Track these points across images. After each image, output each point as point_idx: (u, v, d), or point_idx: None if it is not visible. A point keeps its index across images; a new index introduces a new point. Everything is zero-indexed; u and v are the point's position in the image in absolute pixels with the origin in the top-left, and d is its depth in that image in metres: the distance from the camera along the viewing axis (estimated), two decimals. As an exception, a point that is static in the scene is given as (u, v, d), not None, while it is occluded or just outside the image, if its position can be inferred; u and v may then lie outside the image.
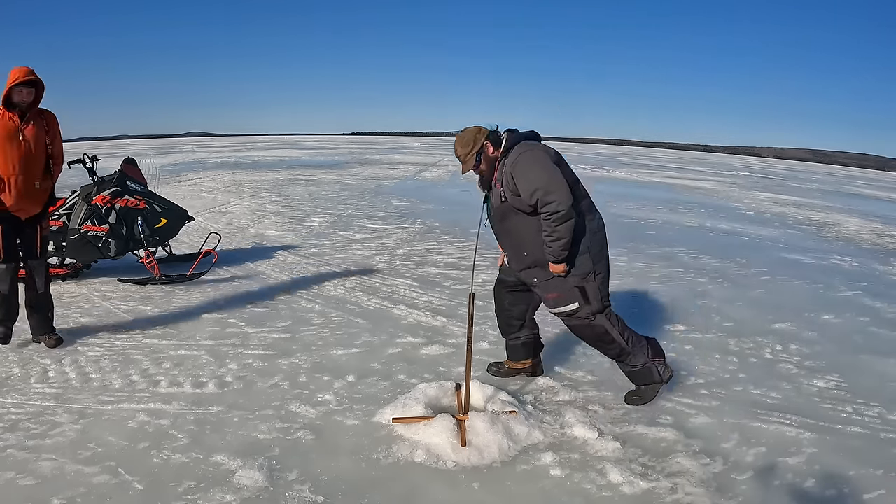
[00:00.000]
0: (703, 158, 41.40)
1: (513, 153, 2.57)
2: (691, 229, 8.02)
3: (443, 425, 2.33)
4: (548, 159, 2.53)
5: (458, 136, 2.70)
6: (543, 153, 2.55)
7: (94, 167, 4.47)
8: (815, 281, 5.34)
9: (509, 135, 2.65)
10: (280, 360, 3.07)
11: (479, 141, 2.62)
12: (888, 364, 3.37)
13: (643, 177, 17.77)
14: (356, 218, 7.69)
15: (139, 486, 2.01)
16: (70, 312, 3.73)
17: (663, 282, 4.97)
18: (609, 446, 2.33)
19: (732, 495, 2.08)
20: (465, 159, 2.66)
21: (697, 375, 3.06)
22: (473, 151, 2.63)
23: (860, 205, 13.57)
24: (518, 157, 2.53)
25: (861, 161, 69.79)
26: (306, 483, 2.05)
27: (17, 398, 2.59)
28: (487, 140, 2.63)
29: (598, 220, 2.66)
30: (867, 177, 31.48)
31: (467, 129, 2.67)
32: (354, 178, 13.32)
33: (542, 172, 2.47)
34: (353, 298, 4.18)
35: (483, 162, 2.65)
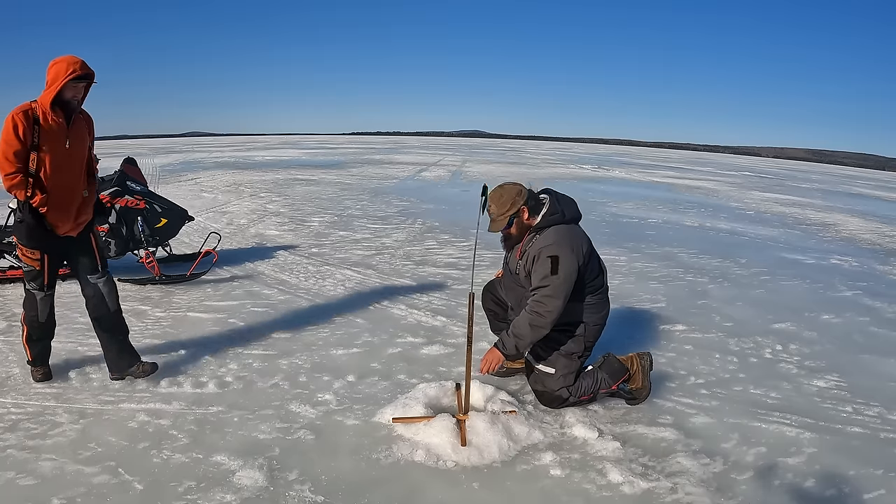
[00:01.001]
0: (703, 158, 41.43)
1: (546, 235, 2.49)
2: (691, 229, 8.02)
3: (443, 425, 2.33)
4: (573, 263, 2.43)
5: (496, 190, 2.54)
6: (571, 254, 2.44)
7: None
8: (815, 281, 5.34)
9: (550, 204, 2.53)
10: (280, 360, 3.07)
11: (518, 204, 2.49)
12: (888, 364, 3.37)
13: (643, 177, 17.76)
14: (356, 218, 7.69)
15: (139, 486, 2.01)
16: (70, 312, 3.72)
17: (663, 282, 4.97)
18: (609, 446, 2.33)
19: (732, 495, 2.08)
20: (496, 218, 2.52)
21: (697, 375, 3.06)
22: (508, 214, 2.50)
23: (860, 205, 13.56)
24: (547, 247, 2.44)
25: (861, 161, 69.83)
26: (306, 483, 2.05)
27: (17, 398, 2.59)
28: (525, 205, 2.50)
29: (604, 315, 2.67)
30: (867, 176, 31.47)
31: (507, 188, 2.53)
32: (354, 178, 13.32)
33: (557, 278, 2.41)
34: (353, 298, 4.18)
35: (515, 226, 2.54)
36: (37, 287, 2.66)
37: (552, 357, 2.59)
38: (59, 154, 2.50)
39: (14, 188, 2.47)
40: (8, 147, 2.39)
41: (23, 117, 2.39)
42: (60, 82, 2.39)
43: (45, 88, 2.44)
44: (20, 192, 2.48)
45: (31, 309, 2.70)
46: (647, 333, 3.67)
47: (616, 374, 2.60)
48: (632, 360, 2.66)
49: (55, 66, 2.41)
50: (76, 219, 2.64)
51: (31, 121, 2.41)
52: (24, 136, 2.39)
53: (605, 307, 2.68)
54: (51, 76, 2.42)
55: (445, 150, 28.78)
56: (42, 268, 2.61)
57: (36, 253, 2.58)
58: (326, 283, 4.56)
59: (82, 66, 2.42)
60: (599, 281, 2.63)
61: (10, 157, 2.40)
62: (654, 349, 3.28)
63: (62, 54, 2.43)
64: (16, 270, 4.38)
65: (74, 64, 2.41)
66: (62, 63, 2.41)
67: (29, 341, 2.74)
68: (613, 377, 2.60)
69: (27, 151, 2.43)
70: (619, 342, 3.33)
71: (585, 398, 2.60)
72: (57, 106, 2.44)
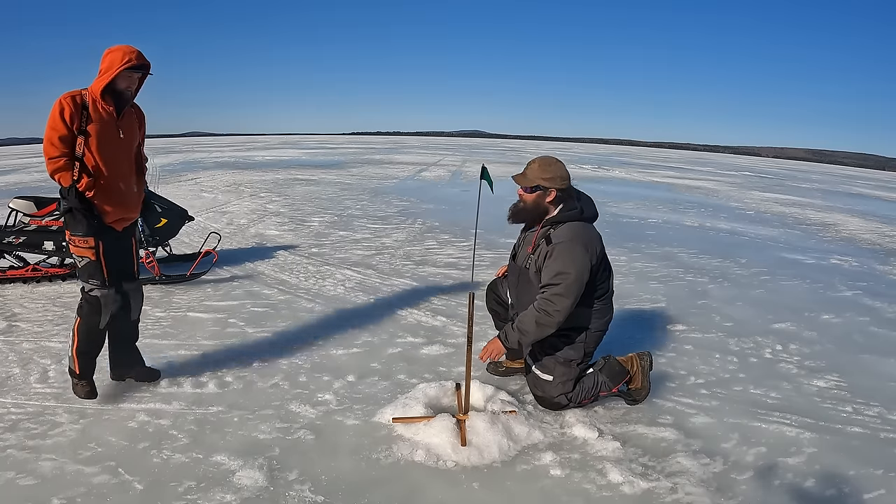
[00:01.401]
0: (703, 158, 41.42)
1: (562, 231, 2.44)
2: (691, 229, 8.02)
3: (443, 425, 2.33)
4: (586, 262, 2.40)
5: (549, 158, 2.51)
6: (584, 253, 2.40)
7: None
8: (815, 281, 5.34)
9: (573, 200, 2.50)
10: (280, 360, 3.07)
11: (554, 183, 2.44)
12: (888, 364, 3.37)
13: (643, 177, 17.76)
14: (356, 218, 7.69)
15: (139, 486, 2.01)
16: (70, 312, 3.72)
17: (663, 282, 4.97)
18: (609, 446, 2.33)
19: (732, 495, 2.08)
20: (529, 175, 2.48)
21: (697, 375, 3.06)
22: (542, 182, 2.44)
23: (860, 205, 13.56)
24: (562, 244, 2.40)
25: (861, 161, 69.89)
26: (306, 483, 2.05)
27: (17, 398, 2.60)
28: (558, 191, 2.46)
29: (607, 321, 2.63)
30: (867, 176, 31.47)
31: (560, 165, 2.48)
32: (354, 178, 13.32)
33: (569, 276, 2.37)
34: (353, 298, 4.18)
35: (534, 197, 2.48)
36: (98, 283, 2.46)
37: (549, 364, 2.56)
38: (108, 143, 2.41)
39: (58, 171, 2.35)
40: (53, 131, 2.31)
41: (70, 101, 2.31)
42: (114, 71, 2.31)
43: (97, 76, 2.37)
44: (65, 176, 2.35)
45: (93, 314, 2.48)
46: (647, 333, 3.67)
47: (616, 376, 2.59)
48: (632, 360, 2.66)
49: (110, 55, 2.34)
50: (124, 212, 2.53)
51: (79, 106, 2.33)
52: (71, 121, 2.31)
53: (608, 313, 2.65)
54: (105, 64, 2.34)
55: (445, 150, 28.77)
56: (98, 258, 2.44)
57: (89, 240, 2.41)
58: (326, 283, 4.56)
59: (138, 56, 2.34)
60: (607, 285, 2.59)
61: (56, 141, 2.32)
62: (654, 349, 3.28)
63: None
64: (16, 270, 4.38)
65: (130, 53, 2.33)
66: (118, 52, 2.33)
67: (80, 353, 2.53)
68: (614, 380, 2.59)
69: (73, 136, 2.33)
70: (619, 342, 3.33)
71: (585, 402, 2.59)
72: (108, 95, 2.37)
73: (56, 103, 2.31)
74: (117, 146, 2.45)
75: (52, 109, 2.32)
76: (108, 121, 2.39)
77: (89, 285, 2.47)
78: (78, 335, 2.52)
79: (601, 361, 2.63)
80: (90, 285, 2.47)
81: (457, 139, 64.36)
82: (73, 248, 2.44)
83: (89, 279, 2.46)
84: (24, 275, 4.37)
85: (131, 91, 2.45)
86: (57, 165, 2.34)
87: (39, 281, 4.39)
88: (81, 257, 2.44)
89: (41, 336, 3.32)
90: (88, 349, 2.55)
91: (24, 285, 4.32)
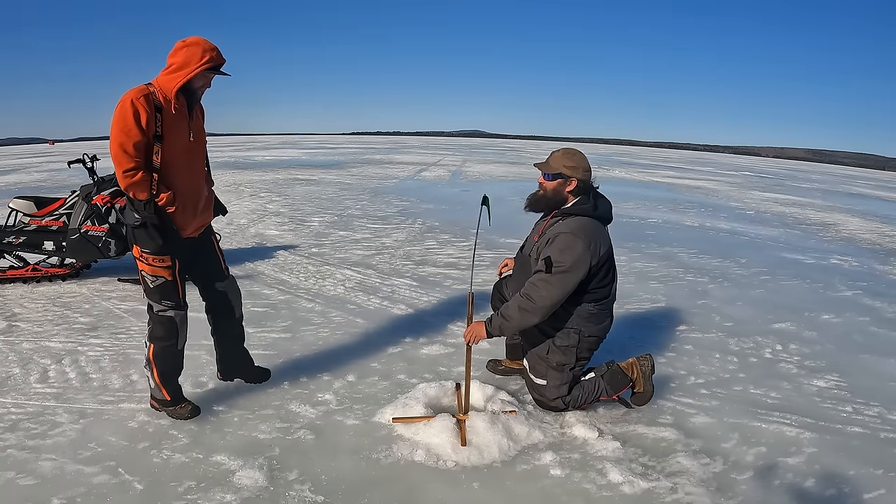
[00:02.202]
0: (704, 158, 41.43)
1: (568, 222, 2.40)
2: (691, 229, 8.02)
3: (443, 425, 2.33)
4: (585, 258, 2.34)
5: (573, 149, 2.48)
6: (585, 249, 2.33)
7: (94, 167, 4.48)
8: (815, 280, 5.34)
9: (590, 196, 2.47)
10: (280, 359, 3.07)
11: (577, 173, 2.41)
12: (888, 364, 3.37)
13: (643, 176, 17.76)
14: (356, 218, 7.69)
15: (139, 486, 2.01)
16: (70, 312, 3.73)
17: (663, 282, 4.97)
18: (609, 446, 2.33)
19: (732, 495, 2.08)
20: (552, 163, 2.45)
21: (697, 375, 3.06)
22: (563, 171, 2.41)
23: (860, 204, 13.56)
24: (564, 234, 2.35)
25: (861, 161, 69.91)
26: (306, 483, 2.05)
27: (17, 398, 2.59)
28: (579, 181, 2.42)
29: (603, 328, 2.59)
30: (867, 176, 31.47)
31: (584, 157, 2.46)
32: (354, 177, 13.32)
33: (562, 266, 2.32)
34: (353, 298, 4.18)
35: (554, 185, 2.44)
36: (172, 305, 2.27)
37: (542, 368, 2.54)
38: (182, 148, 2.19)
39: (134, 187, 2.09)
40: (127, 138, 2.04)
41: (144, 102, 2.04)
42: (193, 69, 2.07)
43: (167, 70, 2.12)
44: (142, 191, 2.10)
45: (169, 336, 2.30)
46: (647, 333, 3.67)
47: (618, 384, 2.56)
48: (632, 366, 2.60)
49: (187, 50, 2.08)
50: (201, 220, 2.37)
51: (154, 108, 2.06)
52: (147, 126, 2.05)
53: (605, 319, 2.58)
54: (180, 59, 2.09)
55: (445, 150, 28.77)
56: (174, 277, 2.25)
57: (166, 259, 2.21)
58: (326, 282, 4.56)
59: (219, 55, 2.11)
60: (606, 290, 2.52)
61: (130, 149, 2.05)
62: (654, 349, 3.28)
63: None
64: (16, 270, 4.39)
65: (211, 51, 2.09)
66: (195, 47, 2.08)
67: (164, 379, 2.36)
68: (615, 387, 2.55)
69: (150, 143, 2.08)
70: (619, 342, 3.34)
71: (584, 406, 2.58)
72: (181, 94, 2.14)
73: (126, 104, 2.04)
74: (191, 151, 2.25)
75: (119, 111, 2.04)
76: (182, 124, 2.18)
77: (161, 306, 2.27)
78: (156, 363, 2.33)
79: (604, 367, 2.59)
80: (162, 306, 2.27)
81: (457, 139, 64.36)
82: (146, 266, 2.21)
83: (162, 300, 2.26)
84: (24, 275, 4.37)
85: (203, 91, 2.24)
86: (133, 180, 2.08)
87: (39, 281, 4.39)
88: (155, 276, 2.22)
89: (41, 336, 3.32)
90: (171, 370, 2.39)
91: (24, 285, 4.33)
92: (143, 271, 2.25)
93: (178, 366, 2.43)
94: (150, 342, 2.33)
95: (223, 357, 2.68)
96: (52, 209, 4.38)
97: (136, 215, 2.13)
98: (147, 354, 2.35)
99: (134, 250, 2.23)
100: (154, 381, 2.37)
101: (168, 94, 2.11)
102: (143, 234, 2.16)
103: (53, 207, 4.39)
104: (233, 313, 2.59)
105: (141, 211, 2.13)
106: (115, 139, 2.05)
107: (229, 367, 2.71)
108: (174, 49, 2.12)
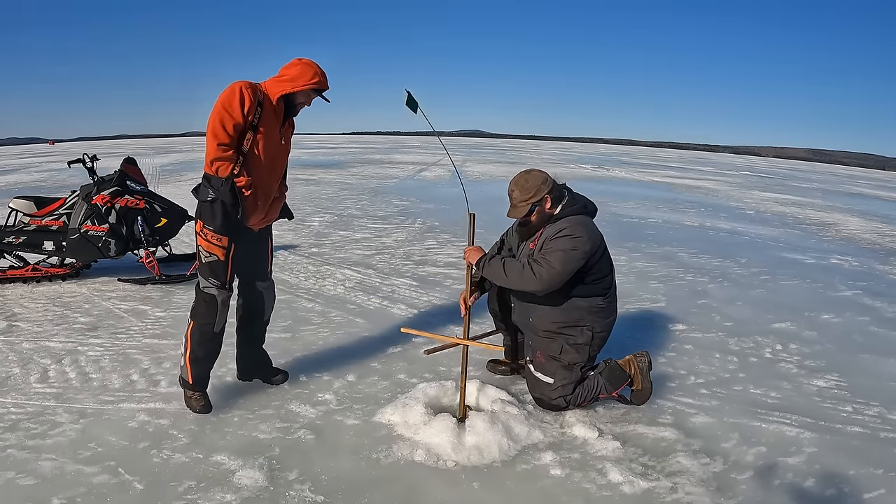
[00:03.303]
0: (704, 158, 41.44)
1: (560, 224, 2.46)
2: (691, 229, 8.02)
3: (443, 425, 2.33)
4: (586, 245, 2.42)
5: (522, 175, 2.51)
6: (587, 240, 2.42)
7: (94, 167, 4.48)
8: (815, 280, 5.34)
9: (570, 196, 2.53)
10: (280, 360, 3.07)
11: (542, 192, 2.45)
12: (888, 364, 3.37)
13: (643, 176, 17.76)
14: (356, 217, 7.69)
15: (139, 486, 2.01)
16: (70, 312, 3.73)
17: (663, 281, 4.97)
18: (609, 446, 2.33)
19: (732, 495, 2.08)
20: (518, 204, 2.48)
21: (697, 375, 3.06)
22: (531, 201, 2.45)
23: (860, 204, 13.56)
24: (560, 235, 2.42)
25: (861, 160, 69.96)
26: (306, 483, 2.05)
27: (17, 398, 2.59)
28: (549, 194, 2.47)
29: (610, 322, 2.63)
30: (867, 176, 31.47)
31: (533, 174, 2.49)
32: (354, 177, 13.33)
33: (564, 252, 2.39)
34: (353, 298, 4.18)
35: (536, 214, 2.50)
36: (217, 284, 2.34)
37: (551, 367, 2.56)
38: (272, 146, 2.35)
39: (221, 161, 2.23)
40: (229, 117, 2.19)
41: (251, 93, 2.21)
42: (300, 85, 2.27)
43: (277, 79, 2.32)
44: (226, 167, 2.23)
45: (208, 316, 2.37)
46: (647, 333, 3.67)
47: (617, 381, 2.57)
48: (629, 363, 2.62)
49: (301, 67, 2.30)
50: (268, 215, 2.51)
51: (257, 99, 2.24)
52: (248, 112, 2.22)
53: (612, 314, 2.64)
54: (293, 73, 2.29)
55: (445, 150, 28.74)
56: (227, 258, 2.33)
57: (223, 240, 2.31)
58: (326, 282, 4.56)
59: (324, 80, 2.32)
60: (609, 280, 2.59)
61: (230, 127, 2.20)
62: (654, 349, 3.28)
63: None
64: (16, 270, 4.39)
65: (321, 75, 2.31)
66: (308, 67, 2.29)
67: (193, 360, 2.40)
68: (614, 384, 2.57)
69: (245, 129, 2.24)
70: (619, 342, 3.33)
71: (584, 405, 2.59)
72: (281, 100, 2.33)
73: (235, 88, 2.20)
74: (278, 151, 2.42)
75: (226, 93, 2.20)
76: (277, 124, 2.35)
77: (207, 283, 2.35)
78: (191, 340, 2.40)
79: (602, 365, 2.62)
80: (208, 283, 2.35)
81: (457, 139, 64.38)
82: (203, 241, 2.31)
83: (210, 277, 2.34)
84: (24, 275, 4.37)
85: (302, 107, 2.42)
86: (224, 154, 2.22)
87: (39, 281, 4.39)
88: (209, 253, 2.31)
89: (41, 336, 3.32)
90: (204, 356, 2.42)
91: (24, 285, 4.33)
92: (199, 246, 2.34)
93: (212, 353, 2.46)
94: (191, 319, 2.41)
95: (242, 357, 2.72)
96: (52, 209, 4.39)
97: (210, 191, 2.25)
98: (186, 331, 2.43)
99: (196, 225, 2.35)
100: (184, 359, 2.42)
101: (272, 97, 2.30)
102: (209, 209, 2.27)
103: (53, 207, 4.40)
104: (262, 315, 2.66)
105: (217, 188, 2.24)
106: (216, 114, 2.19)
107: (246, 366, 2.74)
108: (290, 63, 2.33)
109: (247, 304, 2.63)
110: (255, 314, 2.65)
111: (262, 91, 2.28)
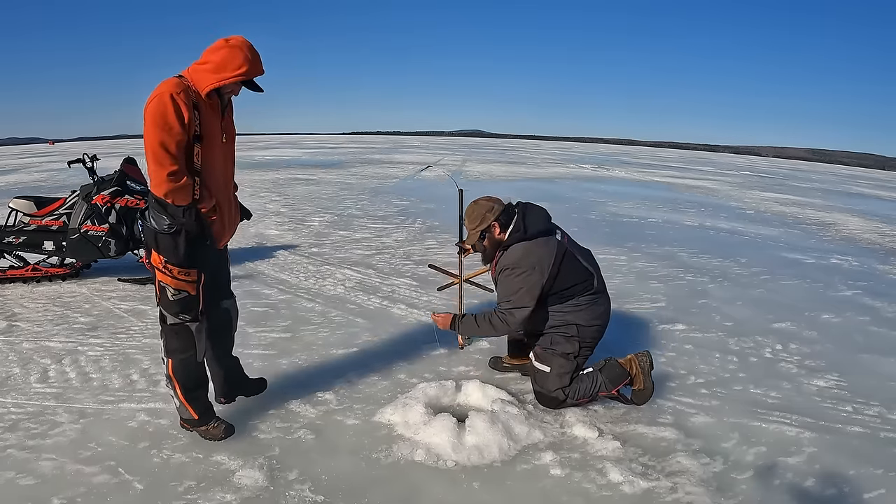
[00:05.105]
0: (704, 158, 41.45)
1: (507, 255, 2.57)
2: (691, 229, 8.02)
3: (443, 425, 2.33)
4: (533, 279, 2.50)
5: (470, 206, 2.67)
6: (531, 273, 2.50)
7: (94, 167, 4.48)
8: (815, 280, 5.34)
9: (515, 221, 2.58)
10: (280, 359, 3.07)
11: (488, 220, 2.60)
12: (888, 364, 3.37)
13: (643, 176, 17.76)
14: (356, 217, 7.69)
15: (139, 486, 2.01)
16: (70, 312, 3.73)
17: (663, 281, 4.97)
18: (609, 446, 2.33)
19: (732, 495, 2.08)
20: (470, 233, 2.66)
21: (697, 375, 3.06)
22: (479, 229, 2.62)
23: (860, 204, 13.56)
24: (508, 273, 2.53)
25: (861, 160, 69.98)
26: (306, 483, 2.05)
27: (17, 398, 2.60)
28: (496, 221, 2.60)
29: (600, 314, 2.66)
30: (867, 176, 31.47)
31: (479, 203, 2.64)
32: (354, 177, 13.32)
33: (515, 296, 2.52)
34: (353, 298, 4.18)
35: (487, 241, 2.65)
36: (190, 318, 2.07)
37: (547, 355, 2.61)
38: (217, 150, 2.02)
39: (177, 192, 1.88)
40: (169, 136, 1.84)
41: (184, 97, 1.86)
42: (229, 76, 1.91)
43: (201, 66, 1.93)
44: (184, 196, 1.91)
45: (187, 348, 2.10)
46: (647, 333, 3.67)
47: (616, 378, 2.58)
48: (630, 362, 2.63)
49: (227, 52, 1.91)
50: (231, 229, 2.22)
51: (192, 104, 1.90)
52: (189, 123, 1.88)
53: (599, 307, 2.66)
54: (218, 59, 1.91)
55: (446, 150, 28.78)
56: (198, 292, 2.05)
57: (192, 274, 2.02)
58: (326, 282, 4.56)
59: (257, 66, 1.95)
60: (584, 286, 2.62)
61: (173, 149, 1.85)
62: (654, 349, 3.28)
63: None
64: (16, 270, 4.39)
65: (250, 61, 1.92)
66: (236, 51, 1.91)
67: (189, 397, 2.17)
68: (613, 382, 2.57)
69: (191, 142, 1.91)
70: (619, 342, 3.33)
71: (584, 400, 2.59)
72: (214, 93, 1.98)
73: (165, 98, 1.84)
74: (223, 153, 2.08)
75: (156, 106, 1.84)
76: (216, 123, 2.02)
77: (178, 319, 2.07)
78: (177, 378, 2.14)
79: (602, 362, 2.63)
80: (179, 319, 2.08)
81: (457, 139, 64.38)
82: (169, 278, 1.99)
83: (180, 313, 2.06)
84: (24, 275, 4.37)
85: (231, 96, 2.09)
86: (178, 184, 1.87)
87: (39, 281, 4.39)
88: (178, 290, 2.01)
89: (41, 336, 3.32)
90: (195, 385, 2.19)
91: (24, 285, 4.33)
92: (163, 283, 2.02)
93: (202, 379, 2.22)
94: (168, 357, 2.13)
95: (226, 377, 2.45)
96: (52, 209, 4.39)
97: (167, 220, 1.92)
98: (167, 371, 2.15)
99: (154, 258, 2.01)
100: (178, 400, 2.18)
101: (201, 92, 1.95)
102: (170, 242, 1.95)
103: (53, 207, 4.40)
104: (231, 331, 2.44)
105: (178, 216, 1.91)
106: (154, 137, 1.84)
107: (232, 386, 2.49)
108: (215, 46, 1.95)
109: (214, 326, 2.29)
110: (224, 332, 2.39)
111: (192, 89, 1.92)
